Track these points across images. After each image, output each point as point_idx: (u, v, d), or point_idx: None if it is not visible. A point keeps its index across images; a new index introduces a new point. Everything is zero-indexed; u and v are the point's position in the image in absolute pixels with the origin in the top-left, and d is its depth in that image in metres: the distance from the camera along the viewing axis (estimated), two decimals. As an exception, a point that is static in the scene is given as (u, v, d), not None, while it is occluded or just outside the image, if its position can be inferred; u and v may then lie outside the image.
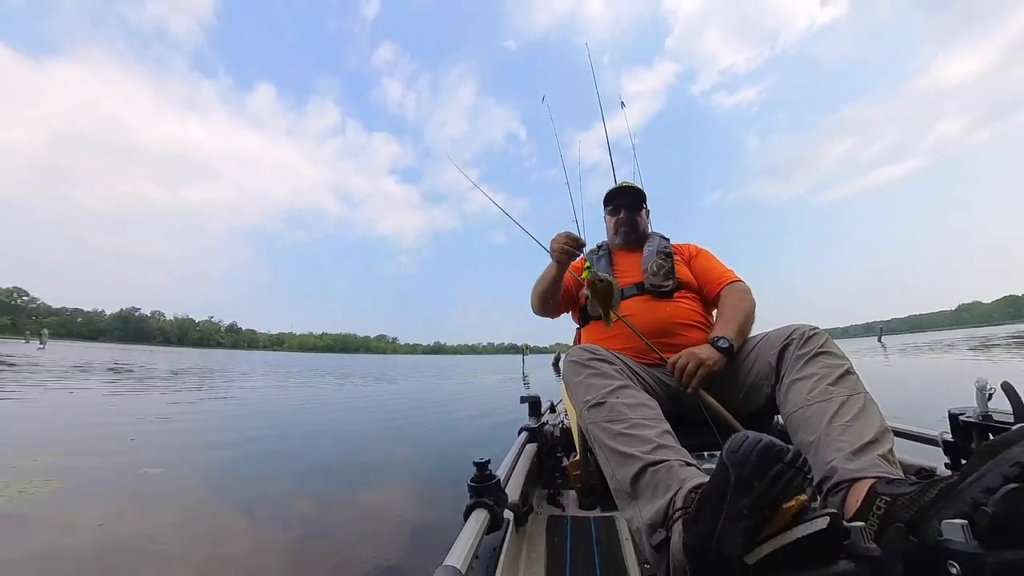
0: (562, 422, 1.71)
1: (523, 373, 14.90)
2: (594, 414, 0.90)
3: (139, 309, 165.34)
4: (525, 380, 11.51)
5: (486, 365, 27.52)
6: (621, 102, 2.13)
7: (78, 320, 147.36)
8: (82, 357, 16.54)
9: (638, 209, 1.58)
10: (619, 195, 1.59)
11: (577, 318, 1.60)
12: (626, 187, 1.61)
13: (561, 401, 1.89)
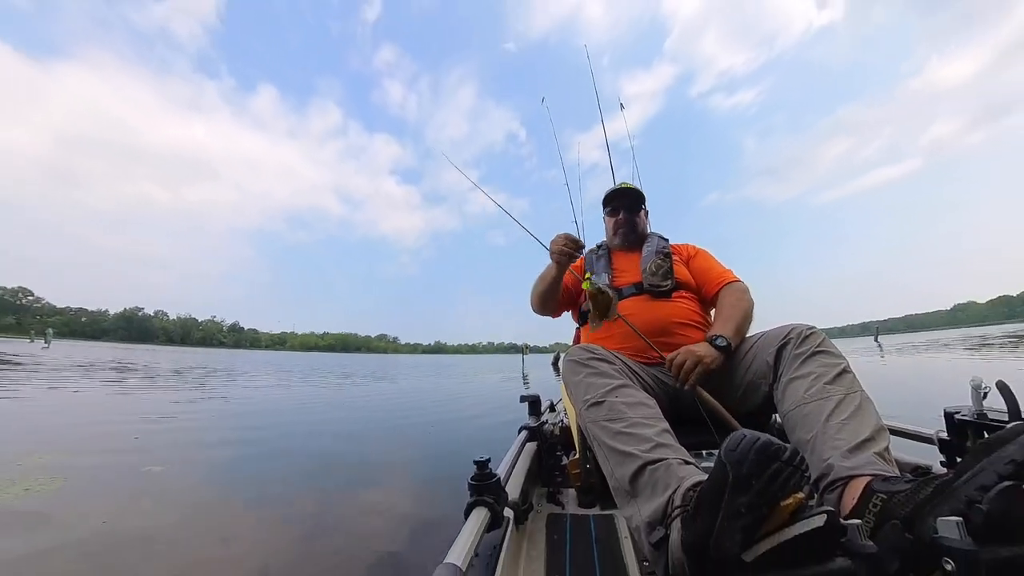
0: (562, 421, 1.71)
1: (523, 372, 14.90)
2: (593, 413, 0.91)
3: (142, 309, 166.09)
4: (525, 379, 11.50)
5: (486, 364, 27.54)
6: (620, 103, 2.14)
7: (82, 320, 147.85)
8: (86, 356, 16.60)
9: (637, 210, 1.58)
10: (618, 196, 1.59)
11: (577, 317, 1.61)
12: (625, 188, 1.61)
13: (561, 400, 1.89)
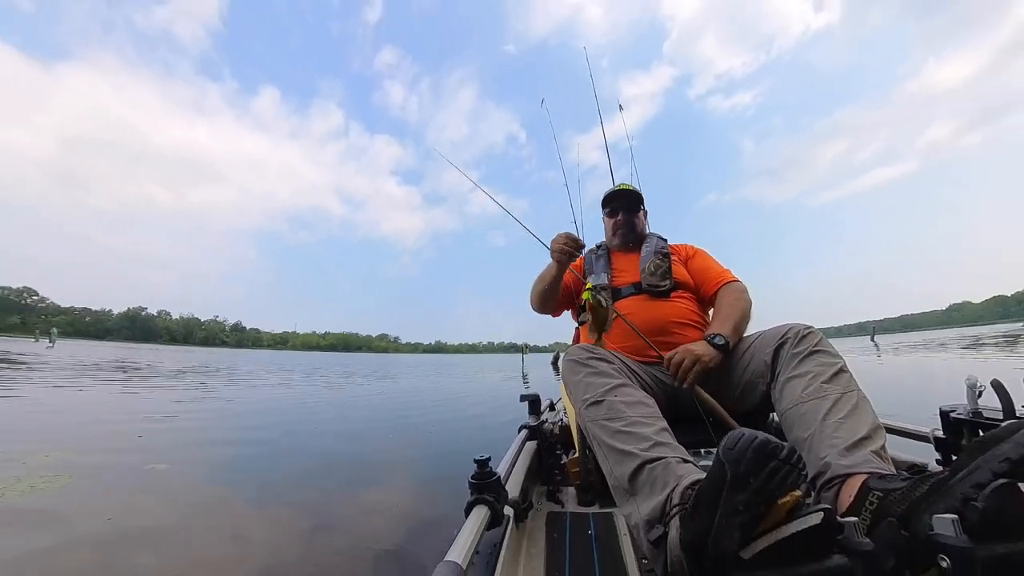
0: (561, 420, 1.72)
1: (523, 372, 14.91)
2: (593, 412, 0.91)
3: (145, 308, 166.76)
4: (525, 379, 11.51)
5: (486, 364, 27.56)
6: (619, 105, 2.14)
7: (86, 319, 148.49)
8: (90, 356, 16.67)
9: (635, 211, 1.58)
10: (617, 198, 1.60)
11: (576, 316, 1.62)
12: (624, 190, 1.61)
13: (560, 399, 1.90)
